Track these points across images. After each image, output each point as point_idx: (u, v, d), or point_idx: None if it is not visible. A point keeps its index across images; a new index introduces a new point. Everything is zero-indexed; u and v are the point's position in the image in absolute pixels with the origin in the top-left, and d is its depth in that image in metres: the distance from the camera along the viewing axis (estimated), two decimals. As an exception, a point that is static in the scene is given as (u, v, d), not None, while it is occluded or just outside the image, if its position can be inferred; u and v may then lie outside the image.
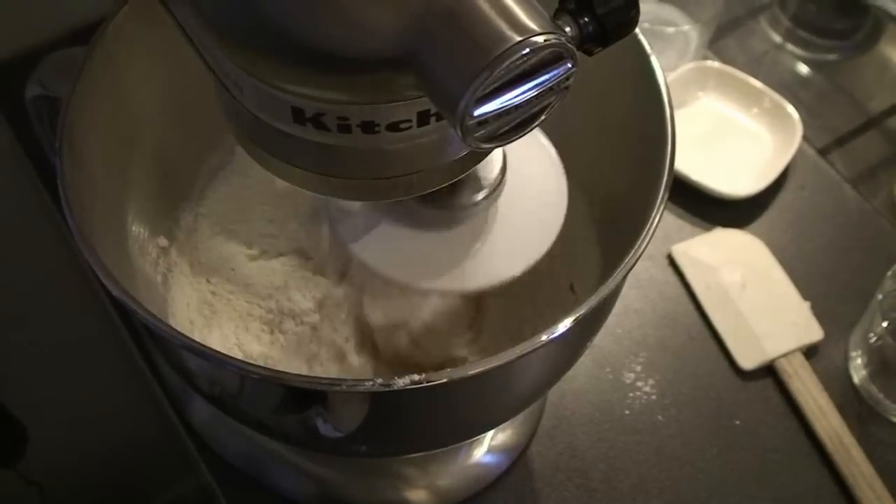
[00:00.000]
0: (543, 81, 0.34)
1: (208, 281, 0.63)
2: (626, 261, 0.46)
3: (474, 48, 0.33)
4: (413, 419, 0.50)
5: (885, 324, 0.67)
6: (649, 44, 0.53)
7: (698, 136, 0.82)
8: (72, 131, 0.49)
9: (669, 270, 0.77)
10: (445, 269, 0.52)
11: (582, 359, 0.71)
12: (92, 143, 0.51)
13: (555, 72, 0.34)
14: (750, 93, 0.83)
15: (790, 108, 0.81)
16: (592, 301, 0.44)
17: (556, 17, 0.36)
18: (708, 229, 0.78)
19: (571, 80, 0.35)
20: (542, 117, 0.36)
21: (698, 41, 0.84)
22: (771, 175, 0.79)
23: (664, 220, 0.77)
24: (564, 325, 0.44)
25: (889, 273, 0.68)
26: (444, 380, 0.42)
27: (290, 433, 0.53)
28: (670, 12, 0.88)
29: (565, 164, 0.56)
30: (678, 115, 0.82)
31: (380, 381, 0.41)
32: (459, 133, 0.34)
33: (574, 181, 0.57)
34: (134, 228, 0.58)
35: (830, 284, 0.76)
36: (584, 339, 0.53)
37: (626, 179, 0.55)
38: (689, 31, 0.84)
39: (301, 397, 0.47)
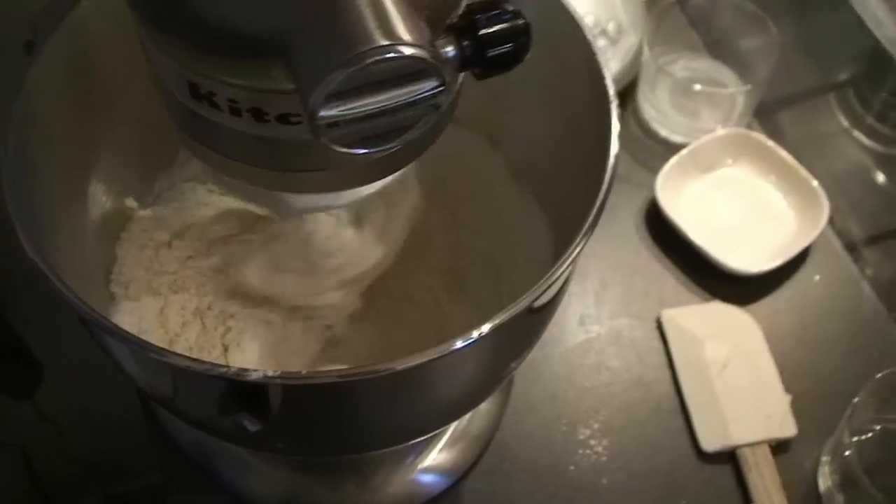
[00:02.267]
0: (403, 94, 0.32)
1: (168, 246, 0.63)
2: (535, 287, 0.44)
3: (337, 42, 0.32)
4: (316, 418, 0.49)
5: (853, 438, 0.63)
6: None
7: (718, 204, 0.79)
8: (36, 84, 0.50)
9: (655, 334, 0.74)
10: None
11: (538, 404, 0.69)
12: (57, 96, 0.52)
13: (418, 87, 0.32)
14: (781, 168, 0.79)
15: (820, 191, 0.77)
16: (502, 316, 0.43)
17: (444, 34, 0.35)
18: (706, 300, 0.75)
19: (441, 99, 0.33)
20: (409, 133, 0.34)
21: (744, 106, 0.81)
22: (785, 256, 0.75)
23: (662, 282, 0.75)
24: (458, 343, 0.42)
25: (864, 387, 0.64)
26: (334, 379, 0.42)
27: (199, 419, 0.53)
28: (721, 70, 0.85)
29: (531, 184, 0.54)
30: (704, 179, 0.80)
31: (234, 369, 0.41)
32: (311, 130, 0.33)
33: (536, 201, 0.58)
34: (99, 186, 0.59)
35: (819, 382, 0.71)
36: (502, 356, 0.51)
37: (578, 197, 0.53)
38: (735, 93, 0.81)
39: (197, 382, 0.46)
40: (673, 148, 0.80)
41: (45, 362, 0.72)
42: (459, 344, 0.43)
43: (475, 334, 0.43)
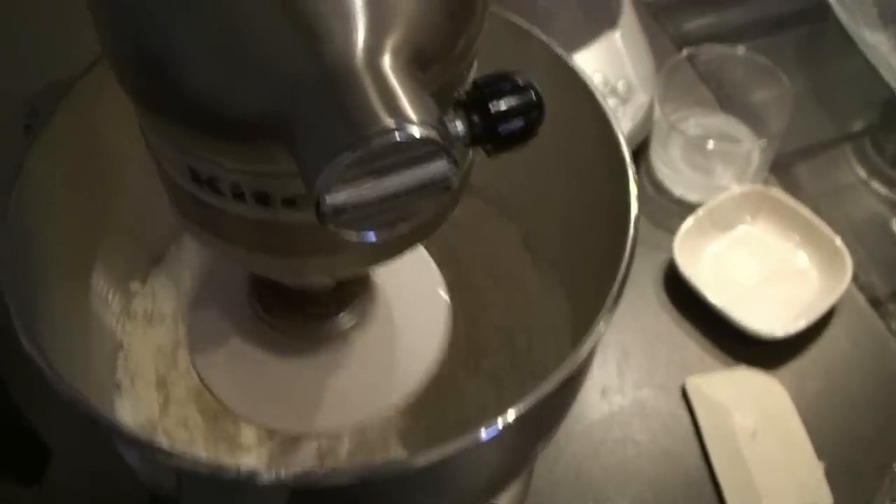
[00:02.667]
0: (413, 176, 0.30)
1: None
2: (557, 371, 0.42)
3: (342, 124, 0.29)
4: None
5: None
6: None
7: (738, 264, 0.77)
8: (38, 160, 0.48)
9: (681, 403, 0.71)
10: (291, 406, 0.48)
11: (563, 483, 0.66)
12: (58, 177, 0.50)
13: (428, 168, 0.30)
14: (802, 225, 0.77)
15: (842, 248, 0.75)
16: (529, 399, 0.40)
17: (452, 109, 0.32)
18: (731, 366, 0.72)
19: (452, 180, 0.31)
20: (420, 216, 0.32)
21: (760, 161, 0.79)
22: (810, 317, 0.72)
23: (684, 347, 0.72)
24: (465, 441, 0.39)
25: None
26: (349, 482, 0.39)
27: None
28: (734, 125, 0.83)
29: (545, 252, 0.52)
30: (722, 238, 0.77)
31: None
32: (317, 216, 0.30)
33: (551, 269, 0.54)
34: (102, 270, 0.57)
35: (852, 448, 0.68)
36: (527, 439, 0.49)
37: (595, 261, 0.51)
38: (751, 150, 0.79)
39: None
40: (688, 207, 0.78)
41: (53, 445, 0.68)
42: (484, 435, 0.40)
43: (500, 422, 0.41)
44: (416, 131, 0.29)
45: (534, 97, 0.32)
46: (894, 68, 0.90)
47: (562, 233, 0.58)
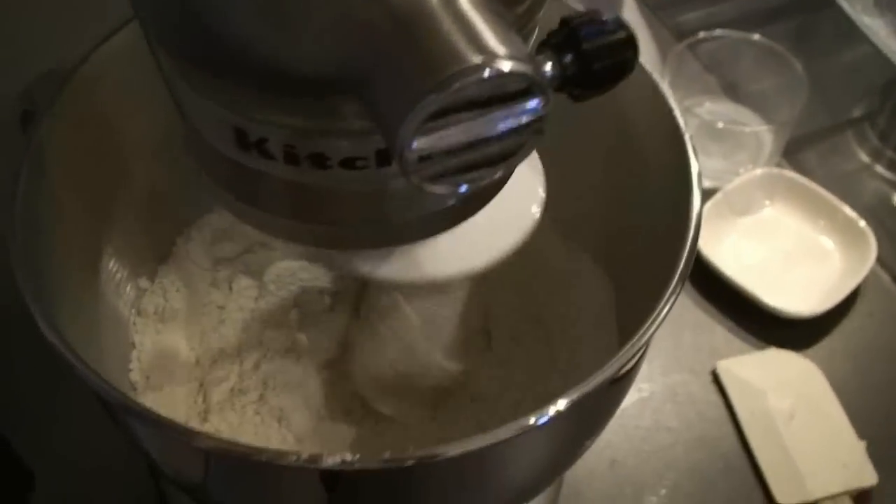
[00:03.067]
0: (503, 119, 0.29)
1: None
2: (623, 352, 0.40)
3: (423, 67, 0.28)
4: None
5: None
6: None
7: (760, 247, 0.75)
8: (43, 149, 0.46)
9: (712, 388, 0.69)
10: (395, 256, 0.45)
11: (600, 473, 0.65)
12: (64, 167, 0.48)
13: (519, 109, 0.29)
14: (822, 206, 0.76)
15: (865, 227, 0.74)
16: (581, 389, 0.38)
17: (538, 51, 0.31)
18: (760, 348, 0.71)
19: (544, 122, 0.29)
20: (507, 162, 0.30)
21: (773, 146, 0.78)
22: (837, 297, 0.71)
23: (711, 332, 0.71)
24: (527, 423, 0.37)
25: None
26: (411, 462, 0.37)
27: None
28: (745, 114, 0.83)
29: (585, 240, 0.50)
30: (741, 222, 0.76)
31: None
32: (400, 166, 0.29)
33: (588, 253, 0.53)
34: (111, 266, 0.55)
35: (891, 426, 0.67)
36: (577, 433, 0.47)
37: (646, 259, 0.49)
38: (763, 133, 0.78)
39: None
40: (704, 193, 0.77)
41: (36, 470, 0.66)
42: (533, 420, 0.38)
43: (551, 410, 0.38)
44: (504, 66, 0.28)
45: (626, 35, 0.31)
46: (894, 52, 0.90)
47: (599, 214, 0.57)
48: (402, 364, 0.55)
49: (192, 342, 0.59)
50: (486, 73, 0.27)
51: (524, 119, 0.29)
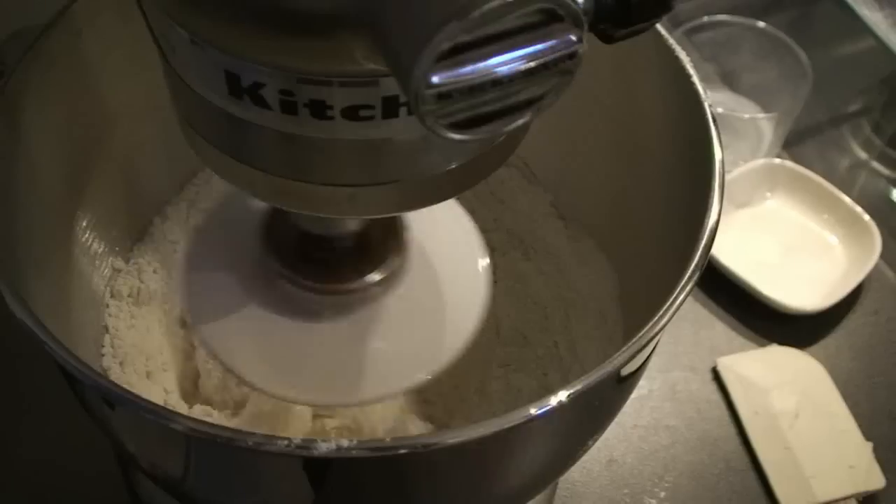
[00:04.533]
0: (533, 52, 0.25)
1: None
2: (627, 347, 0.37)
3: None
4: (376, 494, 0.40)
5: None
6: (719, 133, 0.43)
7: (761, 240, 0.72)
8: (14, 110, 0.42)
9: (713, 386, 0.66)
10: (313, 375, 0.42)
11: (597, 473, 0.61)
12: (40, 131, 0.44)
13: (551, 42, 0.25)
14: (825, 198, 0.73)
15: (869, 220, 0.71)
16: (585, 381, 0.35)
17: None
18: (762, 345, 0.68)
19: (576, 60, 0.26)
20: (531, 111, 0.27)
21: (773, 136, 0.75)
22: (841, 292, 0.68)
23: (711, 327, 0.68)
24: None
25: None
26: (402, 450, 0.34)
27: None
28: (744, 104, 0.80)
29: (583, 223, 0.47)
30: (741, 214, 0.74)
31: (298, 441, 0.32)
32: (415, 107, 0.25)
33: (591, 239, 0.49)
34: (86, 239, 0.51)
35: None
36: (580, 430, 0.43)
37: (655, 254, 0.46)
38: (763, 122, 0.75)
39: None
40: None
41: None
42: (534, 410, 0.35)
43: (553, 401, 0.35)
44: (532, -10, 0.24)
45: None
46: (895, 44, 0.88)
47: (602, 200, 0.53)
48: None
49: (169, 327, 0.55)
50: (513, -3, 0.24)
51: (555, 55, 0.25)
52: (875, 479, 0.61)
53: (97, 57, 0.47)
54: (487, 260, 0.46)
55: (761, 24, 0.78)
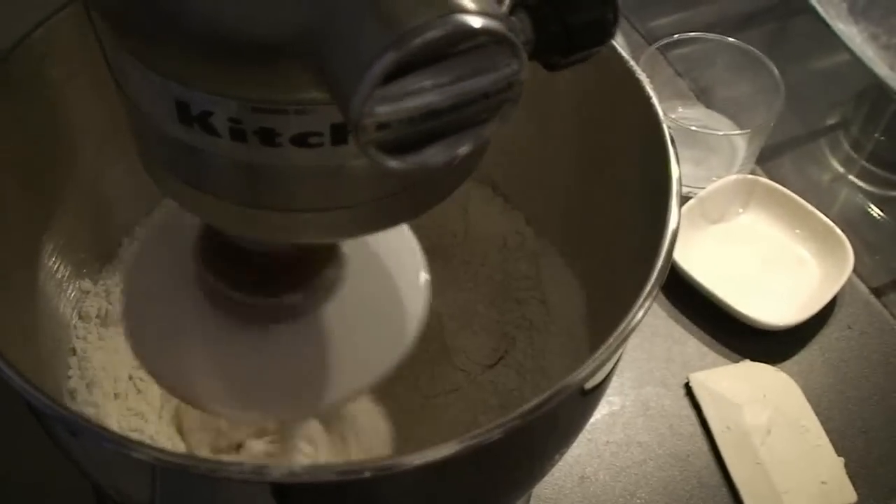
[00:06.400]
0: (472, 84, 0.25)
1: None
2: (577, 372, 0.37)
3: (382, 20, 0.24)
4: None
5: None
6: (677, 153, 0.43)
7: (734, 256, 0.73)
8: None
9: (685, 402, 0.66)
10: (252, 391, 0.42)
11: (569, 490, 0.61)
12: (6, 152, 0.44)
13: (491, 74, 0.25)
14: (798, 214, 0.73)
15: (842, 236, 0.71)
16: (525, 409, 0.35)
17: (511, 12, 0.28)
18: (735, 361, 0.68)
19: (515, 90, 0.26)
20: (473, 137, 0.27)
21: (747, 151, 0.76)
22: (814, 307, 0.69)
23: (684, 343, 0.68)
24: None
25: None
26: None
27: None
28: (718, 119, 0.80)
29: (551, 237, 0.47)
30: (715, 229, 0.74)
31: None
32: (355, 136, 0.25)
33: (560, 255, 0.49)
34: (52, 263, 0.51)
35: (871, 442, 0.64)
36: (547, 444, 0.43)
37: (623, 268, 0.46)
38: (737, 138, 0.75)
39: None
40: (677, 200, 0.74)
41: None
42: (495, 432, 0.35)
43: (515, 416, 0.35)
44: (474, 21, 0.24)
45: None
46: (871, 59, 0.88)
47: (570, 214, 0.54)
48: None
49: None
50: (453, 29, 0.24)
51: (495, 85, 0.25)
52: (847, 495, 0.61)
53: (60, 82, 0.47)
54: (426, 278, 0.46)
55: (734, 40, 0.78)
